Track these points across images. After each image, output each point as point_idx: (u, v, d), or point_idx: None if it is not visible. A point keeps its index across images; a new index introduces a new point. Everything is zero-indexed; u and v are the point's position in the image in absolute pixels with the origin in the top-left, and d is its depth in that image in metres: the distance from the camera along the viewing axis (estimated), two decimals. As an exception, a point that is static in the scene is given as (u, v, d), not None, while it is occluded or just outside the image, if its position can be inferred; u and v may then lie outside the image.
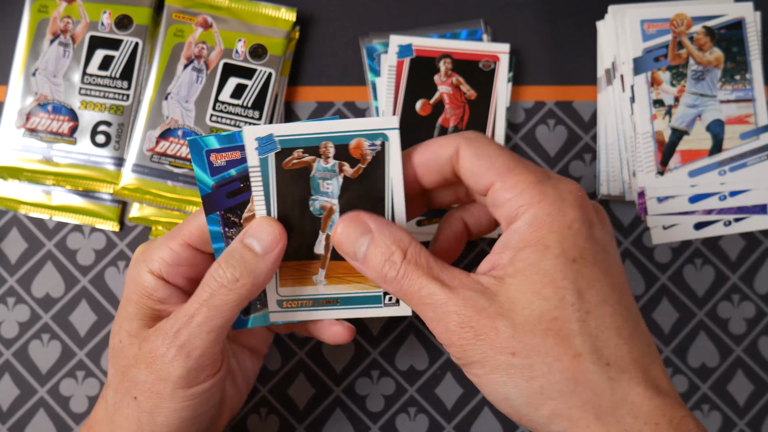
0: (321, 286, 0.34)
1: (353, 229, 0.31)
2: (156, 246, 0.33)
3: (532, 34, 0.48)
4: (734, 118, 0.45)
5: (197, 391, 0.32)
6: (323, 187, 0.33)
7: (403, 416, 0.44)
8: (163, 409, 0.32)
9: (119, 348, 0.33)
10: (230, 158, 0.32)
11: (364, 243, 0.30)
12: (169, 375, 0.31)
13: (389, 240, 0.30)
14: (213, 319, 0.31)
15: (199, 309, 0.31)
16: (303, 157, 0.32)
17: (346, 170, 0.33)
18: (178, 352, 0.31)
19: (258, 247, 0.31)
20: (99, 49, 0.45)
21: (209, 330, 0.31)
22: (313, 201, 0.33)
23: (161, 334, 0.31)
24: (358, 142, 0.32)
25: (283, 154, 0.32)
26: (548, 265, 0.27)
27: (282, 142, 0.32)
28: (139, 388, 0.32)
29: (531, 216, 0.28)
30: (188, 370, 0.31)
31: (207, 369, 0.32)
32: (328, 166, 0.33)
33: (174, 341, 0.31)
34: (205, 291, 0.31)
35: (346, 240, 0.31)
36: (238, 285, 0.31)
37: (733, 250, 0.46)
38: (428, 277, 0.29)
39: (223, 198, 0.33)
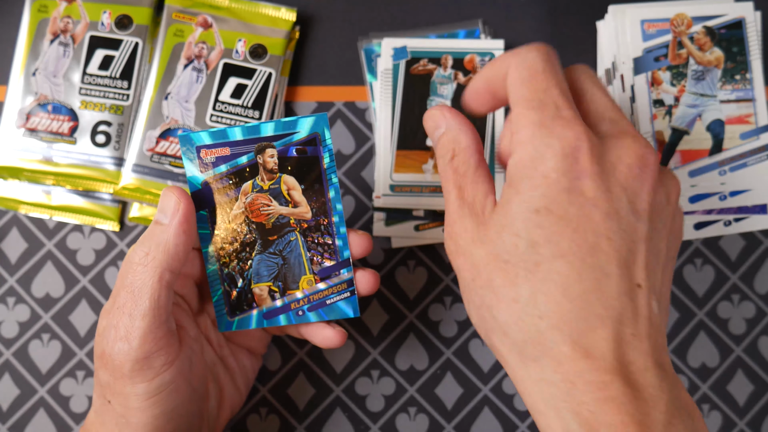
0: (428, 174, 0.41)
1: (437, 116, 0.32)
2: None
3: (532, 34, 0.48)
4: (734, 118, 0.45)
5: (158, 383, 0.31)
6: (440, 90, 0.44)
7: (403, 416, 0.44)
8: (131, 410, 0.31)
9: (95, 349, 0.33)
10: (220, 154, 0.32)
11: (440, 129, 0.32)
12: (123, 371, 0.31)
13: (451, 137, 0.31)
14: (139, 304, 0.30)
15: (126, 297, 0.31)
16: (427, 65, 0.44)
17: (459, 78, 0.44)
18: (120, 346, 0.31)
19: (164, 218, 0.31)
20: (99, 49, 0.45)
21: (141, 315, 0.30)
22: (430, 101, 0.44)
23: (105, 331, 0.31)
24: (471, 57, 0.44)
25: (411, 62, 0.44)
26: (511, 210, 0.28)
27: (412, 53, 0.44)
28: (108, 390, 0.32)
29: (517, 156, 0.28)
30: (135, 361, 0.31)
31: (158, 357, 0.31)
32: (446, 73, 0.44)
33: (116, 335, 0.31)
34: (126, 277, 0.31)
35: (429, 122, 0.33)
36: (149, 258, 0.31)
37: (733, 250, 0.46)
38: (454, 183, 0.31)
39: (212, 195, 0.33)
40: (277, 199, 0.33)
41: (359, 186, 0.46)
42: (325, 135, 0.32)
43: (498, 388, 0.44)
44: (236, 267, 0.34)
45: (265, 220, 0.33)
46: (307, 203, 0.33)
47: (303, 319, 0.35)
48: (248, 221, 0.33)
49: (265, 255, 0.34)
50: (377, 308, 0.45)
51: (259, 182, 0.33)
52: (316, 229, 0.33)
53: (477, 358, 0.44)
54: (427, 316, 0.45)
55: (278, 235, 0.34)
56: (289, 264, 0.34)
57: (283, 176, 0.33)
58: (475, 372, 0.44)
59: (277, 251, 0.34)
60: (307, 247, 0.34)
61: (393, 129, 0.45)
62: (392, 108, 0.45)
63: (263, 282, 0.34)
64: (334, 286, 0.34)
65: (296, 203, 0.33)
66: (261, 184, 0.33)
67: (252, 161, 0.32)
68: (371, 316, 0.45)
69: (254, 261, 0.34)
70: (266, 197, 0.33)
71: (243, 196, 0.33)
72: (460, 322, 0.45)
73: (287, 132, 0.32)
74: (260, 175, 0.33)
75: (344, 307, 0.34)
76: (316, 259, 0.34)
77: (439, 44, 0.46)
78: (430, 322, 0.45)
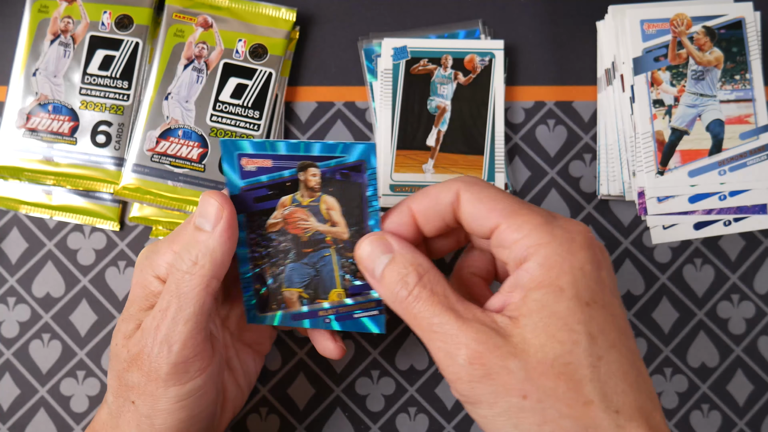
0: (429, 174, 0.41)
1: (376, 246, 0.31)
2: (160, 251, 0.33)
3: (532, 35, 0.48)
4: (734, 118, 0.45)
5: (190, 388, 0.32)
6: (440, 90, 0.44)
7: (403, 416, 0.44)
8: (159, 411, 0.32)
9: (116, 352, 0.33)
10: (261, 165, 0.32)
11: (383, 261, 0.30)
12: (158, 373, 0.31)
13: (408, 261, 0.30)
14: (185, 309, 0.31)
15: (170, 301, 0.31)
16: (427, 65, 0.44)
17: (459, 78, 0.44)
18: (160, 348, 0.31)
19: (207, 224, 0.31)
20: (99, 49, 0.45)
21: (185, 320, 0.31)
22: (430, 101, 0.44)
23: (145, 333, 0.31)
24: (472, 57, 0.44)
25: (411, 62, 0.44)
26: (562, 308, 0.27)
27: (412, 53, 0.44)
28: (135, 391, 0.32)
29: (542, 256, 0.28)
30: (174, 365, 0.31)
31: (194, 362, 0.32)
32: (446, 73, 0.44)
33: (155, 338, 0.31)
34: (171, 283, 0.31)
35: (367, 257, 0.31)
36: (197, 267, 0.31)
37: (733, 250, 0.46)
38: (442, 306, 0.28)
39: (250, 201, 0.33)
40: (316, 216, 0.33)
41: (359, 186, 0.46)
42: (371, 163, 0.32)
43: (498, 387, 0.44)
44: (268, 269, 0.35)
45: (302, 233, 0.34)
46: (345, 224, 0.33)
47: (328, 326, 0.35)
48: (284, 231, 0.34)
49: (299, 264, 0.34)
50: (377, 308, 0.45)
51: (299, 198, 0.33)
52: (352, 250, 0.33)
53: (477, 358, 0.44)
54: (427, 316, 0.45)
55: (313, 249, 0.34)
56: (321, 276, 0.34)
57: (323, 196, 0.33)
58: (475, 372, 0.44)
59: (310, 263, 0.34)
60: (340, 265, 0.34)
61: (393, 129, 0.45)
62: (392, 108, 0.45)
63: (294, 287, 0.35)
64: (363, 303, 0.34)
65: (334, 223, 0.33)
66: (300, 200, 0.33)
67: (293, 177, 0.32)
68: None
69: (287, 268, 0.34)
70: (304, 212, 0.33)
71: (281, 207, 0.33)
72: (460, 322, 0.45)
73: (332, 155, 0.32)
74: (300, 192, 0.33)
75: (370, 323, 0.35)
76: (347, 276, 0.34)
77: (439, 44, 0.46)
78: (430, 322, 0.45)
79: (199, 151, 0.44)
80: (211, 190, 0.34)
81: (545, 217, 0.29)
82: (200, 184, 0.44)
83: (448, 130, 0.45)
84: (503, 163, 0.45)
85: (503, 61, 0.46)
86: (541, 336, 0.27)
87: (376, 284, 0.31)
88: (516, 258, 0.29)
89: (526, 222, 0.29)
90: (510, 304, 0.28)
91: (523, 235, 0.28)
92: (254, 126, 0.45)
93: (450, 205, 0.31)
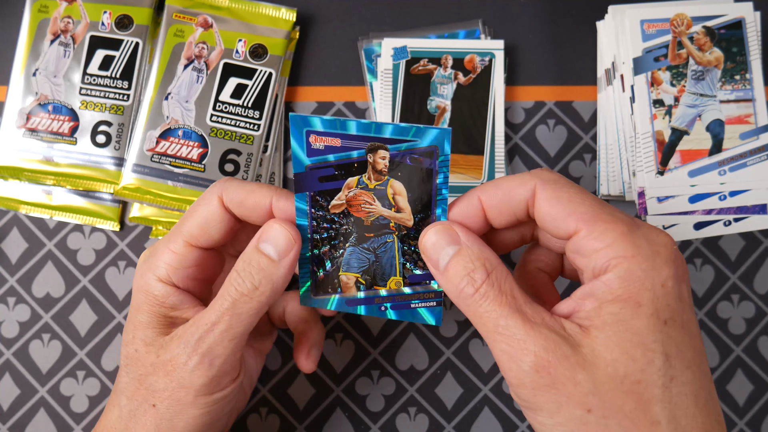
0: None
1: (442, 236, 0.30)
2: (159, 251, 0.33)
3: (532, 35, 0.48)
4: (734, 118, 0.45)
5: (218, 397, 0.32)
6: (440, 90, 0.44)
7: (403, 416, 0.44)
8: (184, 415, 0.32)
9: (135, 357, 0.33)
10: (329, 144, 0.32)
11: (449, 253, 0.29)
12: (192, 383, 0.31)
13: (476, 255, 0.28)
14: (234, 327, 0.31)
15: (221, 317, 0.31)
16: (427, 65, 0.44)
17: (459, 78, 0.44)
18: (201, 361, 0.31)
19: (273, 252, 0.31)
20: (99, 49, 0.45)
21: (231, 338, 0.31)
22: (430, 101, 0.44)
23: (182, 342, 0.31)
24: (472, 57, 0.44)
25: (411, 62, 0.45)
26: (640, 325, 0.26)
27: (412, 53, 0.44)
28: (159, 395, 0.32)
29: (624, 270, 0.27)
30: (211, 378, 0.31)
31: (228, 375, 0.32)
32: (446, 73, 0.45)
33: (196, 349, 0.31)
34: (226, 300, 0.31)
35: (431, 246, 0.30)
36: (258, 293, 0.31)
37: (733, 250, 0.46)
38: (510, 307, 0.27)
39: (315, 180, 0.32)
40: (381, 201, 0.33)
41: (359, 186, 0.46)
42: (444, 150, 0.31)
43: (498, 388, 0.44)
44: (327, 252, 0.34)
45: (365, 216, 0.33)
46: (411, 211, 0.32)
47: (383, 314, 0.35)
48: (347, 213, 0.33)
49: (359, 248, 0.34)
50: (377, 308, 0.45)
51: (365, 180, 0.32)
52: (415, 238, 0.33)
53: (477, 358, 0.44)
54: (427, 316, 0.45)
55: (375, 234, 0.33)
56: (380, 263, 0.34)
57: (391, 180, 0.32)
58: (475, 372, 0.44)
59: (371, 248, 0.34)
60: (401, 252, 0.33)
61: (393, 129, 0.45)
62: (392, 108, 0.45)
63: (352, 272, 0.34)
64: (422, 293, 0.34)
65: (400, 209, 0.32)
66: (367, 182, 0.32)
67: (362, 158, 0.32)
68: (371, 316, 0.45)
69: (347, 251, 0.34)
70: (370, 195, 0.33)
71: (346, 189, 0.32)
72: (460, 322, 0.45)
73: (404, 138, 0.31)
74: (368, 174, 0.32)
75: (428, 314, 0.34)
76: (408, 265, 0.34)
77: (439, 44, 0.46)
78: (430, 322, 0.45)
79: (199, 151, 0.44)
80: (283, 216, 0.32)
81: (629, 225, 0.28)
82: (200, 184, 0.44)
83: (448, 130, 0.45)
84: (503, 163, 0.45)
85: (503, 61, 0.46)
86: (614, 351, 0.26)
87: (439, 276, 0.30)
88: (595, 268, 0.28)
89: (609, 230, 0.27)
90: (581, 312, 0.27)
91: (604, 245, 0.27)
92: (254, 126, 0.45)
93: (524, 202, 0.29)
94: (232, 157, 0.44)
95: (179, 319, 0.33)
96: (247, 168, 0.44)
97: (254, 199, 0.32)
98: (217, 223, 0.33)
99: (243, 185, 0.33)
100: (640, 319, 0.26)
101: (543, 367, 0.26)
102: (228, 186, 0.33)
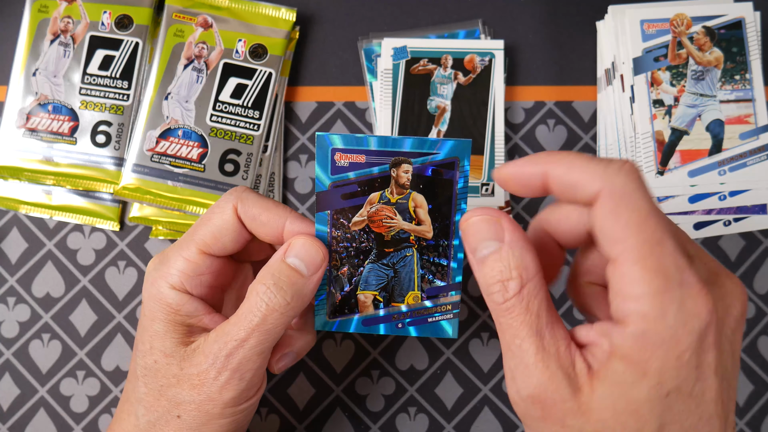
0: None
1: (488, 226, 0.28)
2: (171, 258, 0.33)
3: (532, 35, 0.48)
4: (734, 118, 0.45)
5: (244, 407, 0.32)
6: (440, 90, 0.45)
7: (403, 416, 0.44)
8: (210, 425, 0.32)
9: (155, 368, 0.32)
10: (354, 160, 0.32)
11: (490, 246, 0.28)
12: (222, 396, 0.31)
13: (516, 263, 0.27)
14: (263, 343, 0.31)
15: (251, 333, 0.30)
16: (427, 65, 0.44)
17: (459, 78, 0.45)
18: (231, 376, 0.31)
19: (303, 268, 0.31)
20: (99, 49, 0.45)
21: (260, 352, 0.31)
22: (430, 101, 0.44)
23: (209, 357, 0.31)
24: (472, 57, 0.45)
25: (411, 62, 0.45)
26: (638, 394, 0.25)
27: (412, 53, 0.44)
28: (184, 407, 0.31)
29: (640, 332, 0.25)
30: (240, 392, 0.31)
31: (255, 387, 0.32)
32: (446, 73, 0.45)
33: (226, 365, 0.31)
34: (255, 315, 0.30)
35: (474, 233, 0.28)
36: (289, 308, 0.31)
37: (733, 250, 0.46)
38: (529, 329, 0.26)
39: (337, 198, 0.33)
40: (402, 214, 0.33)
41: (359, 186, 0.46)
42: (464, 161, 0.31)
43: (498, 388, 0.44)
44: (346, 271, 0.34)
45: (386, 232, 0.33)
46: (431, 223, 0.33)
47: (402, 332, 0.35)
48: (368, 230, 0.33)
49: (378, 265, 0.34)
50: (377, 308, 0.45)
51: (388, 194, 0.32)
52: (434, 249, 0.33)
53: (477, 358, 0.44)
54: (427, 316, 0.45)
55: (395, 249, 0.34)
56: (399, 278, 0.34)
57: (413, 193, 0.32)
58: (475, 372, 0.44)
59: (390, 263, 0.34)
60: (420, 265, 0.34)
61: (393, 129, 0.45)
62: (392, 108, 0.45)
63: (369, 290, 0.34)
64: (440, 305, 0.34)
65: (420, 221, 0.33)
66: (389, 197, 0.33)
67: (384, 173, 0.32)
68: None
69: (365, 269, 0.34)
70: (391, 210, 0.33)
71: (368, 204, 0.33)
72: (461, 322, 0.45)
73: (425, 151, 0.31)
74: (390, 188, 0.32)
75: (447, 326, 0.34)
76: (427, 277, 0.34)
77: (439, 44, 0.46)
78: (430, 322, 0.45)
79: (199, 151, 0.44)
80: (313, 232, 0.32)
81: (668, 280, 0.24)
82: (200, 184, 0.44)
83: (448, 130, 0.45)
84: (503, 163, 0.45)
85: (503, 61, 0.46)
86: (607, 411, 0.25)
87: (474, 262, 0.28)
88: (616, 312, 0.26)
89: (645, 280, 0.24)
90: (595, 349, 0.26)
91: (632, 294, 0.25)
92: (254, 126, 0.45)
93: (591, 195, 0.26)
94: (232, 157, 0.44)
95: (196, 327, 0.33)
96: (247, 168, 0.44)
97: (269, 217, 0.32)
98: (231, 233, 0.33)
99: (260, 201, 0.33)
100: (641, 389, 0.25)
101: (539, 401, 0.26)
102: (245, 198, 0.33)
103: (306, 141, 0.46)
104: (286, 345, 0.36)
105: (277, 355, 0.36)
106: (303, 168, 0.46)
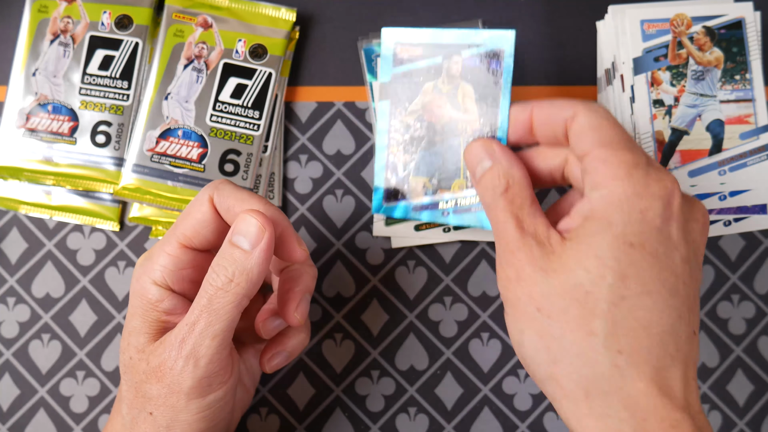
0: None
1: (482, 150, 0.33)
2: (154, 254, 0.33)
3: (532, 35, 0.48)
4: (734, 118, 0.45)
5: (211, 400, 0.32)
6: None
7: (403, 416, 0.44)
8: (179, 422, 0.31)
9: (130, 364, 0.32)
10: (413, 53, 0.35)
11: (485, 166, 0.32)
12: (181, 387, 0.31)
13: (503, 172, 0.31)
14: (214, 324, 0.30)
15: (200, 315, 0.30)
16: None
17: None
18: (186, 363, 0.30)
19: (245, 243, 0.31)
20: (99, 49, 0.45)
21: (213, 336, 0.30)
22: None
23: (167, 346, 0.31)
24: None
25: None
26: (603, 241, 0.28)
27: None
28: (154, 403, 0.31)
29: (608, 190, 0.28)
30: (198, 380, 0.31)
31: (218, 376, 0.32)
32: None
33: (180, 352, 0.30)
34: (203, 297, 0.31)
35: (472, 158, 0.33)
36: (233, 285, 0.30)
37: (733, 250, 0.46)
38: (512, 215, 0.30)
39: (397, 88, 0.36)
40: (452, 104, 0.35)
41: (359, 186, 0.46)
42: (509, 51, 0.34)
43: (498, 388, 0.44)
44: (401, 158, 0.36)
45: (437, 120, 0.35)
46: (478, 113, 0.35)
47: (446, 220, 0.36)
48: (421, 119, 0.35)
49: (428, 152, 0.36)
50: (377, 308, 0.45)
51: (440, 85, 0.35)
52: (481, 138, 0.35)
53: (477, 358, 0.44)
54: (427, 316, 0.45)
55: (444, 137, 0.35)
56: (447, 165, 0.36)
57: (462, 83, 0.35)
58: (475, 372, 0.44)
59: (440, 151, 0.36)
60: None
61: (393, 129, 0.45)
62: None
63: (420, 176, 0.36)
64: None
65: (467, 111, 0.35)
66: (441, 87, 0.35)
67: (438, 64, 0.34)
68: (371, 316, 0.45)
69: (418, 156, 0.36)
70: (443, 99, 0.35)
71: (423, 94, 0.35)
72: (460, 322, 0.45)
73: (476, 43, 0.34)
74: (442, 79, 0.35)
75: (484, 218, 0.36)
76: None
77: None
78: (430, 322, 0.45)
79: (198, 151, 0.44)
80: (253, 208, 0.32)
81: (637, 159, 0.29)
82: (200, 184, 0.44)
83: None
84: None
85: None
86: (574, 261, 0.28)
87: (475, 184, 0.33)
88: (591, 183, 0.29)
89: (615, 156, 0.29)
90: (570, 227, 0.30)
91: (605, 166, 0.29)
92: (254, 126, 0.45)
93: (564, 121, 0.31)
94: (232, 157, 0.44)
95: (172, 324, 0.33)
96: (247, 168, 0.44)
97: (242, 208, 0.32)
98: (209, 224, 0.33)
99: (234, 192, 0.33)
100: (605, 236, 0.28)
101: (513, 263, 0.29)
102: (221, 189, 0.33)
103: (306, 141, 0.46)
104: (277, 344, 0.36)
105: (268, 354, 0.36)
106: (303, 168, 0.46)
